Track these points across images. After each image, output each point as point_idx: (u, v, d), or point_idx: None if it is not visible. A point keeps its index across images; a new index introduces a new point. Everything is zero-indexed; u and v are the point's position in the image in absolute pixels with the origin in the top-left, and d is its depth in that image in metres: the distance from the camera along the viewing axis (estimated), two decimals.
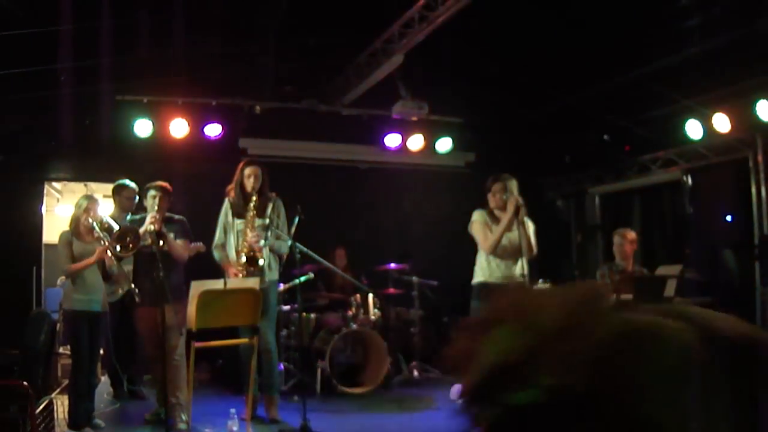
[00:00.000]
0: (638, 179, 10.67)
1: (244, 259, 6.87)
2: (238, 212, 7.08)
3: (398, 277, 9.53)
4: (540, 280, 8.81)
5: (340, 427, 6.70)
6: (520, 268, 6.70)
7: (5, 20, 6.93)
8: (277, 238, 7.12)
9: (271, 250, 7.10)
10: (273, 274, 7.18)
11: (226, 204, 7.18)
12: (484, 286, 6.71)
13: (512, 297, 0.67)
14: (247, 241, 6.93)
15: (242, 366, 6.94)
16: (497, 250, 6.66)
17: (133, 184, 7.67)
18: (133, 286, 6.82)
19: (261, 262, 6.88)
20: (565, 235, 12.21)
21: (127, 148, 9.39)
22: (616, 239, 7.82)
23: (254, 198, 6.98)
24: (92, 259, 6.49)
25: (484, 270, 6.76)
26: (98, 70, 8.27)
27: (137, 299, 6.67)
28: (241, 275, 6.79)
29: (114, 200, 8.05)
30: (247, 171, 7.07)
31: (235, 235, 7.06)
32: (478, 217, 6.79)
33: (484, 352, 0.64)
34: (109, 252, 6.53)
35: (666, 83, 8.51)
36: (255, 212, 6.99)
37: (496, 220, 6.75)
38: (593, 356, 0.61)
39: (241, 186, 7.08)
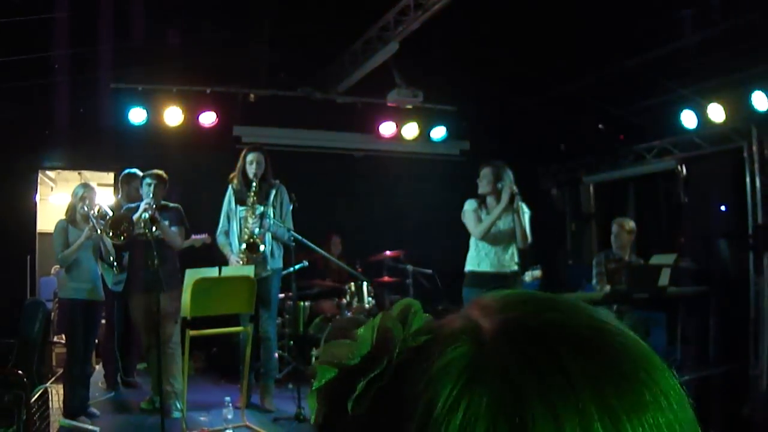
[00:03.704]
0: (633, 168, 10.68)
1: (244, 246, 6.87)
2: (241, 199, 7.07)
3: (393, 265, 9.53)
4: (532, 268, 8.83)
5: None
6: (511, 256, 6.71)
7: None
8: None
9: (274, 237, 7.09)
10: (276, 262, 7.18)
11: (230, 191, 7.17)
12: (474, 274, 6.73)
13: (332, 343, 0.71)
14: (248, 227, 6.94)
15: (239, 354, 6.95)
16: (488, 237, 6.68)
17: (141, 173, 7.59)
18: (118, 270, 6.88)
19: (261, 248, 6.88)
20: (559, 223, 12.22)
21: (122, 137, 9.35)
22: (615, 228, 7.83)
23: (254, 184, 6.97)
24: (81, 239, 6.49)
25: (474, 258, 6.78)
26: (92, 57, 8.23)
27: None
28: (241, 263, 6.79)
29: (121, 189, 8.03)
30: (249, 157, 7.05)
31: (238, 222, 7.05)
32: (469, 206, 6.81)
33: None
34: (104, 238, 6.56)
35: (661, 73, 8.51)
36: (256, 199, 6.97)
37: (486, 207, 6.76)
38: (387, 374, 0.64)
39: (243, 172, 7.06)
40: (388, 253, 9.35)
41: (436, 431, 0.57)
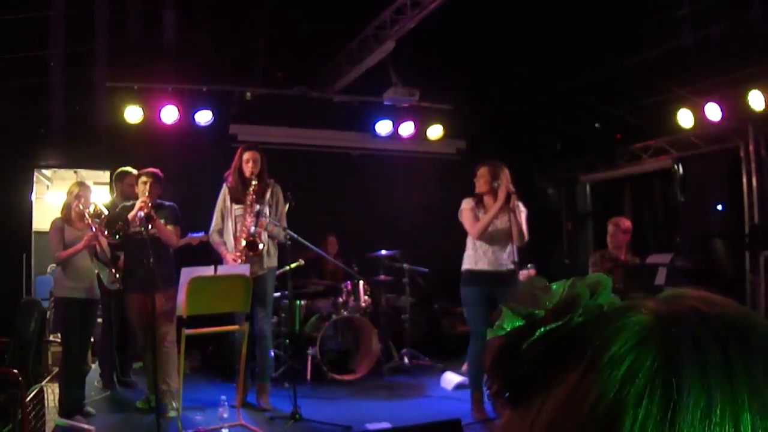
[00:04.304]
0: (629, 168, 10.69)
1: (244, 243, 6.86)
2: (237, 197, 7.05)
3: (389, 264, 9.53)
4: (528, 265, 8.82)
5: (330, 414, 6.70)
6: (509, 254, 6.71)
7: None
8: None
9: (270, 236, 7.09)
10: (272, 261, 7.18)
11: (224, 189, 7.15)
12: (471, 273, 6.72)
13: (520, 293, 0.78)
14: (246, 226, 6.93)
15: (235, 353, 6.94)
16: (485, 236, 6.67)
17: (135, 171, 7.57)
18: (113, 271, 6.86)
19: (261, 246, 6.88)
20: (555, 222, 12.23)
21: (118, 135, 9.33)
22: (610, 228, 7.81)
23: (254, 183, 6.95)
24: (80, 245, 6.50)
25: (471, 257, 6.77)
26: (88, 56, 8.22)
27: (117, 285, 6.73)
28: (240, 260, 6.79)
29: (115, 187, 8.02)
30: (246, 156, 7.04)
31: (233, 221, 7.04)
32: (466, 204, 6.81)
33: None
34: (100, 238, 6.55)
35: (658, 72, 8.51)
36: (254, 197, 6.96)
37: (483, 206, 6.77)
38: (557, 338, 0.70)
39: (240, 171, 7.05)
40: (384, 251, 9.34)
41: (600, 376, 0.62)
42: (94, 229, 6.53)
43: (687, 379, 0.59)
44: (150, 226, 6.51)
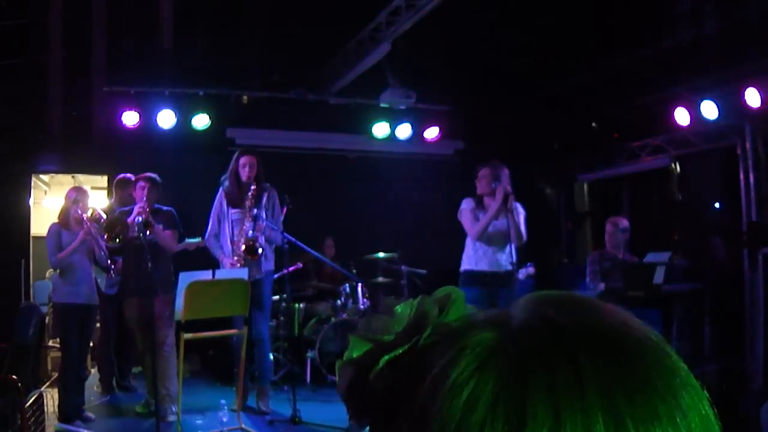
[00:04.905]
0: (627, 166, 10.68)
1: (243, 247, 6.85)
2: (233, 201, 7.04)
3: (387, 265, 9.51)
4: (527, 265, 8.81)
5: (330, 417, 6.69)
6: (508, 255, 6.71)
7: None
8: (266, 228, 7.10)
9: (267, 239, 7.09)
10: (269, 264, 7.18)
11: (221, 193, 7.14)
12: (470, 274, 6.72)
13: (372, 317, 0.76)
14: (243, 230, 6.93)
15: (234, 356, 6.94)
16: (484, 237, 6.68)
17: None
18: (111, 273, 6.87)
19: (259, 251, 6.88)
20: (554, 222, 12.22)
21: (115, 140, 9.33)
22: (609, 227, 7.81)
23: (253, 187, 6.95)
24: (76, 242, 6.49)
25: (471, 258, 6.77)
26: (85, 60, 8.22)
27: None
28: (239, 264, 6.78)
29: (115, 193, 8.01)
30: (243, 160, 7.02)
31: (230, 225, 7.03)
32: (466, 205, 6.82)
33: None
34: (99, 240, 6.55)
35: (655, 70, 8.51)
36: (252, 201, 6.96)
37: (483, 207, 6.77)
38: (408, 360, 0.67)
39: (236, 175, 7.04)
40: (382, 253, 9.33)
41: (442, 404, 0.58)
42: (93, 231, 6.53)
43: (531, 401, 0.55)
44: (148, 232, 6.50)
